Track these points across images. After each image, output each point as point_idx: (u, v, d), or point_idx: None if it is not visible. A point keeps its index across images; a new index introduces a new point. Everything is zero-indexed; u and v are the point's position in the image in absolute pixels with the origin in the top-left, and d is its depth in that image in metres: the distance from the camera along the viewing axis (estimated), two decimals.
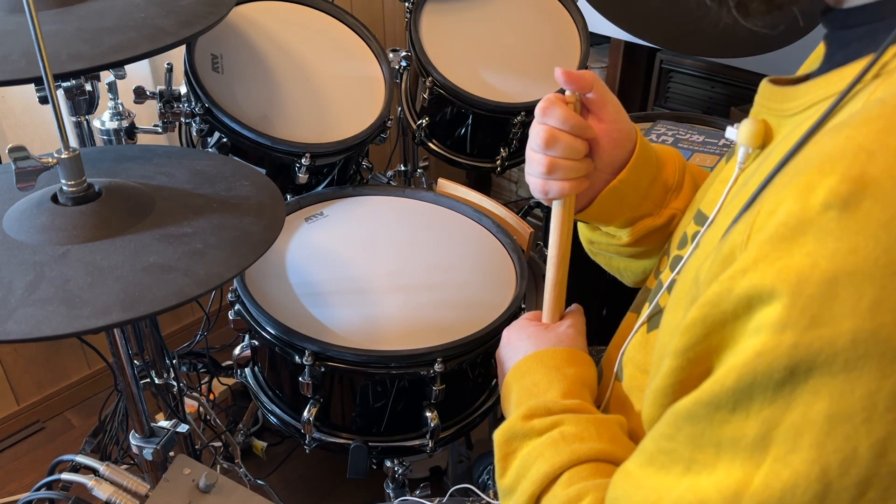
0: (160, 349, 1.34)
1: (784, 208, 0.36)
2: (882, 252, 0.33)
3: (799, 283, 0.34)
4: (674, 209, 0.70)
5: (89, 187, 0.80)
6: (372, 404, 1.08)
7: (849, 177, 0.34)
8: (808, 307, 0.34)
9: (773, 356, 0.35)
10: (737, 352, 0.38)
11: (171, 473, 0.96)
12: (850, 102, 0.41)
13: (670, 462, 0.42)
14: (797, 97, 0.49)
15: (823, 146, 0.37)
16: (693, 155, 1.49)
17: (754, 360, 0.36)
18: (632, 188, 0.68)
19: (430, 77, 1.50)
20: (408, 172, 1.84)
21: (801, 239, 0.35)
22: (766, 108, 0.53)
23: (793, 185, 0.36)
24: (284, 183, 1.36)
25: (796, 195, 0.36)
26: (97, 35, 0.93)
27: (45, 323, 0.66)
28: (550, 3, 1.67)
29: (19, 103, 1.56)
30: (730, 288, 0.38)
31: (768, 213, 0.37)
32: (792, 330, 0.35)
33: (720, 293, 0.38)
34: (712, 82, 1.93)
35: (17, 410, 1.81)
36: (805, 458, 0.35)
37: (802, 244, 0.35)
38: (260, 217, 0.83)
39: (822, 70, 0.48)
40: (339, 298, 1.13)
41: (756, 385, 0.36)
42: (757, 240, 0.37)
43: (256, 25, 1.39)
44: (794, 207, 0.36)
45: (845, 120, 0.38)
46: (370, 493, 1.62)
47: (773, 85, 0.52)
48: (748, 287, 0.37)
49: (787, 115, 0.50)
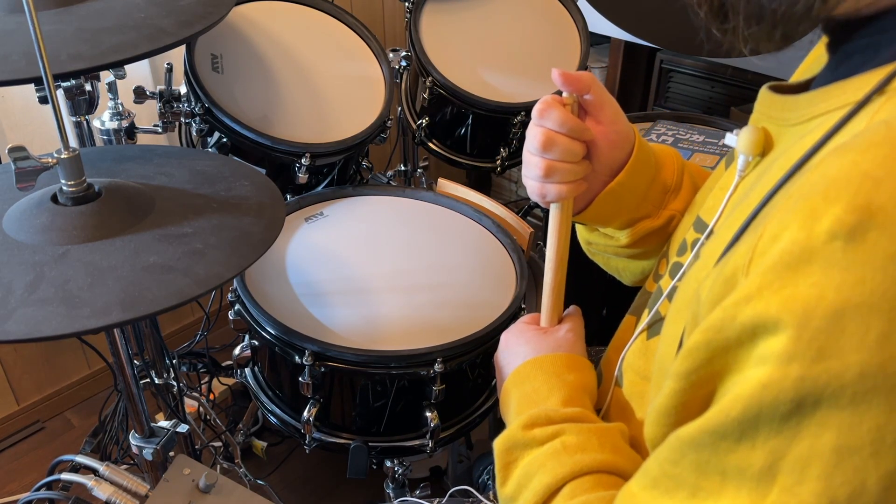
0: (160, 349, 1.34)
1: (788, 235, 0.36)
2: (890, 284, 0.33)
3: (805, 314, 0.34)
4: (672, 210, 0.70)
5: (89, 187, 0.80)
6: (372, 404, 1.08)
7: (855, 206, 0.34)
8: (815, 339, 0.34)
9: (780, 388, 0.35)
10: (741, 381, 0.38)
11: (171, 473, 0.96)
12: (854, 120, 0.41)
13: (675, 487, 0.42)
14: (798, 108, 0.48)
15: (827, 169, 0.36)
16: (693, 155, 1.49)
17: (760, 391, 0.36)
18: (630, 190, 0.67)
19: (430, 77, 1.50)
20: (408, 172, 1.84)
21: (807, 269, 0.35)
22: (767, 115, 0.52)
23: (797, 211, 0.36)
24: (284, 183, 1.36)
25: (801, 222, 0.35)
26: (97, 35, 0.93)
27: (45, 323, 0.66)
28: (550, 3, 1.67)
29: (19, 103, 1.56)
30: (733, 315, 0.37)
31: (771, 237, 0.37)
32: (799, 362, 0.34)
33: (724, 319, 0.38)
34: (712, 82, 1.93)
35: (17, 410, 1.81)
36: (813, 490, 0.35)
37: (808, 274, 0.34)
38: (260, 217, 0.83)
39: (823, 80, 0.47)
40: (339, 298, 1.13)
41: (762, 416, 0.36)
42: (760, 266, 0.37)
43: (256, 25, 1.39)
44: (799, 235, 0.35)
45: (849, 143, 0.37)
46: (370, 493, 1.62)
47: (773, 93, 0.52)
48: (752, 315, 0.36)
49: (789, 124, 0.49)
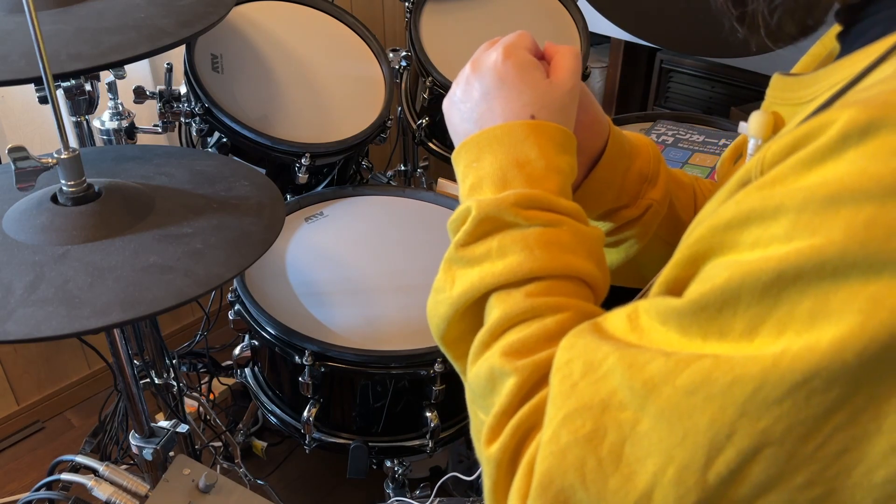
0: (160, 349, 1.34)
1: (801, 134, 0.36)
2: (887, 173, 0.32)
3: (805, 200, 0.34)
4: (650, 199, 0.68)
5: (89, 187, 0.80)
6: (372, 404, 1.08)
7: (868, 106, 0.33)
8: (811, 221, 0.34)
9: (764, 266, 0.35)
10: (731, 262, 0.37)
11: (171, 473, 0.96)
12: (879, 70, 0.40)
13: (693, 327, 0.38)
14: (816, 82, 0.47)
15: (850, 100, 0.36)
16: (693, 155, 1.49)
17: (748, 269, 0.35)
18: (607, 183, 0.66)
19: (430, 77, 1.49)
20: (408, 172, 1.84)
21: (818, 165, 0.34)
22: (780, 98, 0.51)
23: (812, 121, 0.36)
24: (284, 183, 1.36)
25: (817, 127, 0.35)
26: (97, 35, 0.93)
27: (45, 323, 0.66)
28: (550, 3, 1.67)
29: (19, 103, 1.56)
30: (739, 200, 0.37)
31: (783, 140, 0.37)
32: (795, 242, 0.34)
33: (728, 209, 0.38)
34: (712, 82, 1.93)
35: (17, 410, 1.81)
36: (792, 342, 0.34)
37: (817, 170, 0.34)
38: (260, 217, 0.83)
39: (839, 58, 0.46)
40: (339, 298, 1.13)
41: (744, 288, 0.35)
42: (772, 161, 0.37)
43: (256, 25, 1.39)
44: (812, 134, 0.35)
45: (875, 82, 0.37)
46: (370, 493, 1.62)
47: (786, 76, 0.51)
48: (759, 200, 0.36)
49: (803, 102, 0.48)
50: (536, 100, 0.54)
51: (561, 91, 0.55)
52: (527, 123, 0.53)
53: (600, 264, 0.51)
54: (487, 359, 0.47)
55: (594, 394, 0.39)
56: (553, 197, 0.50)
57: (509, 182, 0.51)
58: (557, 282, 0.48)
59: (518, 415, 0.43)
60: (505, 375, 0.45)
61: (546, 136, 0.53)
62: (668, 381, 0.36)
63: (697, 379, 0.35)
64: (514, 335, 0.46)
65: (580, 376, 0.40)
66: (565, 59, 0.57)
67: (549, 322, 0.46)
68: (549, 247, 0.48)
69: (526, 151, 0.52)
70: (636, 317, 0.42)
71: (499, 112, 0.54)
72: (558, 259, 0.48)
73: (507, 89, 0.54)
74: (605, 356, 0.40)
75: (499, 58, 0.55)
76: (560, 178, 0.52)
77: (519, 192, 0.50)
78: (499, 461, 0.43)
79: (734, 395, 0.34)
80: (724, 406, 0.34)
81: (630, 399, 0.37)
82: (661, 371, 0.37)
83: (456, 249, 0.50)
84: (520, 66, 0.55)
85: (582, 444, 0.38)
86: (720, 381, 0.35)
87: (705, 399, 0.35)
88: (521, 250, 0.48)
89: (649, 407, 0.37)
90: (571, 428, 0.39)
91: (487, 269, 0.48)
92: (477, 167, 0.53)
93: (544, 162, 0.52)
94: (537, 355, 0.45)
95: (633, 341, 0.40)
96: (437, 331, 0.52)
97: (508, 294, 0.48)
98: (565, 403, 0.40)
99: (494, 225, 0.49)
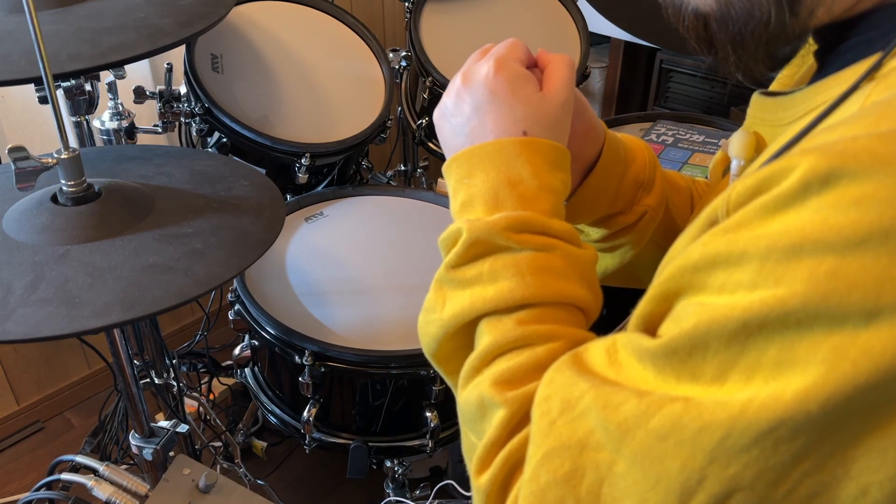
0: (160, 349, 1.34)
1: (763, 178, 0.36)
2: (848, 224, 0.33)
3: (768, 248, 0.34)
4: (645, 206, 0.68)
5: (89, 187, 0.80)
6: (372, 404, 1.08)
7: (829, 154, 0.34)
8: (774, 270, 0.34)
9: (729, 315, 0.35)
10: (700, 304, 0.38)
11: (171, 473, 0.96)
12: (845, 105, 0.41)
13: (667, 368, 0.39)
14: (793, 105, 0.48)
15: (813, 142, 0.37)
16: (693, 155, 1.49)
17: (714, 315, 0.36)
18: (602, 191, 0.66)
19: (430, 77, 1.49)
20: (408, 172, 1.84)
21: (780, 213, 0.35)
22: (760, 119, 0.52)
23: (774, 166, 0.36)
24: (284, 183, 1.36)
25: (779, 172, 0.36)
26: (97, 35, 0.93)
27: (45, 323, 0.66)
28: (550, 3, 1.67)
29: (19, 103, 1.56)
30: (705, 242, 0.38)
31: (746, 182, 0.37)
32: (759, 291, 0.35)
33: (696, 249, 0.38)
34: (712, 82, 1.93)
35: (17, 410, 1.81)
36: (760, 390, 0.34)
37: (780, 217, 0.35)
38: (260, 217, 0.83)
39: (816, 80, 0.47)
40: (338, 298, 1.14)
41: (711, 334, 0.36)
42: (737, 203, 0.37)
43: (256, 25, 1.39)
44: (774, 179, 0.36)
45: (839, 122, 0.38)
46: (370, 493, 1.62)
47: (765, 97, 0.52)
48: (724, 244, 0.36)
49: (783, 124, 0.49)
50: (529, 115, 0.52)
51: (554, 105, 0.53)
52: (519, 141, 0.51)
53: (592, 287, 0.50)
54: (478, 385, 0.47)
55: (572, 433, 0.39)
56: (545, 219, 0.49)
57: (501, 202, 0.50)
58: (549, 309, 0.48)
59: (507, 448, 0.44)
60: (495, 406, 0.45)
61: (539, 154, 0.51)
62: (641, 425, 0.37)
63: (668, 424, 0.36)
64: (504, 363, 0.46)
65: (558, 413, 0.40)
66: (558, 69, 0.55)
67: (540, 351, 0.46)
68: (541, 273, 0.47)
69: (518, 170, 0.51)
70: (615, 351, 0.42)
71: (490, 128, 0.52)
72: (550, 286, 0.47)
73: (499, 104, 0.53)
74: (581, 394, 0.40)
75: (490, 71, 0.53)
76: (553, 198, 0.51)
77: (510, 216, 0.48)
78: (488, 493, 0.44)
79: (703, 442, 0.35)
80: (694, 452, 0.35)
81: (606, 440, 0.38)
82: (635, 413, 0.37)
83: (447, 270, 0.50)
84: (511, 81, 0.53)
85: (561, 483, 0.39)
86: (690, 426, 0.35)
87: (676, 445, 0.35)
88: (513, 276, 0.47)
89: (624, 450, 0.37)
90: (550, 468, 0.40)
91: (478, 293, 0.48)
92: (468, 184, 0.52)
93: (537, 181, 0.51)
94: (527, 387, 0.45)
95: (610, 377, 0.40)
96: (428, 349, 0.52)
97: (499, 321, 0.47)
98: (544, 442, 0.40)
99: (486, 248, 0.48)
